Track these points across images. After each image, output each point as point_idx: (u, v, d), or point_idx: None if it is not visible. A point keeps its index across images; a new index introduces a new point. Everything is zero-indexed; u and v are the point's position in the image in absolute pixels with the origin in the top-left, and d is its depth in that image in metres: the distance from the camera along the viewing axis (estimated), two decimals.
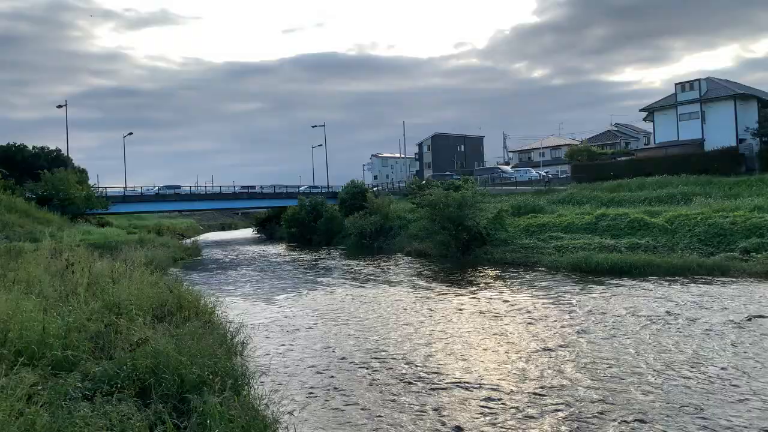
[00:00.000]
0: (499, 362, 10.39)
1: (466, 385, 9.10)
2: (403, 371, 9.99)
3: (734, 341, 11.00)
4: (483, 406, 8.12)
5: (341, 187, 56.87)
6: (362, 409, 8.24)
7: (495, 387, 8.93)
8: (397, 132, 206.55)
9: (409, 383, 9.31)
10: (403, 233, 39.00)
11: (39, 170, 46.93)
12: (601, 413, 7.65)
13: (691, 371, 9.28)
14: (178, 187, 59.88)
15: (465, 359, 10.66)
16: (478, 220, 29.39)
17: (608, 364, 9.90)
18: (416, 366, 10.25)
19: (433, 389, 8.96)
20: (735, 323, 12.37)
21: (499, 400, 8.35)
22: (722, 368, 9.37)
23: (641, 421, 7.35)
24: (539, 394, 8.49)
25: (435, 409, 8.08)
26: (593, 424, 7.34)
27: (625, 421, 7.37)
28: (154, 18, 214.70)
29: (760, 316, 12.89)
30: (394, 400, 8.52)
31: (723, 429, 7.04)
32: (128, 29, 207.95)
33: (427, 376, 9.65)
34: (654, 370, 9.41)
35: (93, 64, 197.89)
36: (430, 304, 16.75)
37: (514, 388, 8.82)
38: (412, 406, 8.26)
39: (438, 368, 10.07)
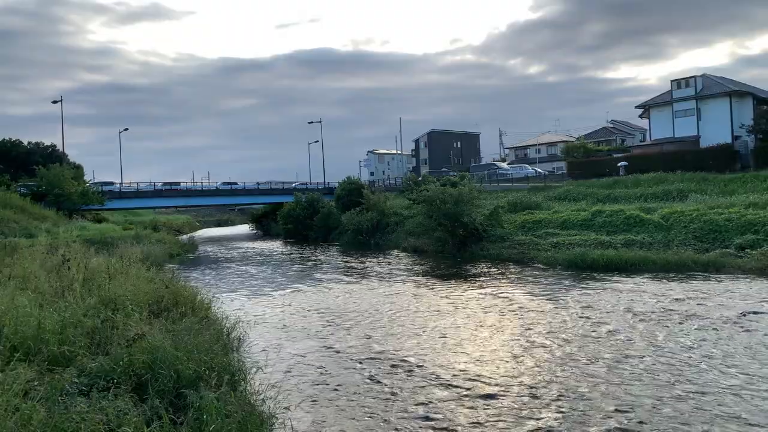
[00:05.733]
0: (495, 359, 10.42)
1: (462, 380, 9.12)
2: (400, 367, 10.00)
3: (728, 336, 11.06)
4: (479, 402, 8.15)
5: (337, 183, 56.82)
6: (359, 404, 8.27)
7: (491, 383, 8.96)
8: (394, 128, 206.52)
9: (406, 379, 9.33)
10: (399, 229, 39.00)
11: (34, 166, 46.77)
12: (594, 407, 7.69)
13: (686, 366, 9.33)
14: (171, 184, 59.51)
15: (461, 355, 10.69)
16: (475, 216, 29.42)
17: (602, 359, 9.94)
18: (413, 361, 10.27)
19: (430, 384, 8.98)
20: (729, 319, 12.44)
21: (496, 396, 8.38)
22: (715, 364, 9.42)
23: (634, 414, 7.39)
24: (535, 390, 8.52)
25: (431, 404, 8.10)
26: (586, 417, 7.37)
27: (617, 414, 7.41)
28: (146, 12, 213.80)
29: (755, 312, 12.97)
30: (390, 396, 8.54)
31: (714, 422, 7.09)
32: (120, 24, 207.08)
33: (424, 371, 9.67)
34: (648, 365, 9.45)
35: (86, 60, 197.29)
36: (426, 300, 16.78)
37: (511, 385, 8.84)
38: (408, 401, 8.28)
39: (434, 364, 10.09)
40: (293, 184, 66.04)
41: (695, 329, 11.78)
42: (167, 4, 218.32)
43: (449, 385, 8.94)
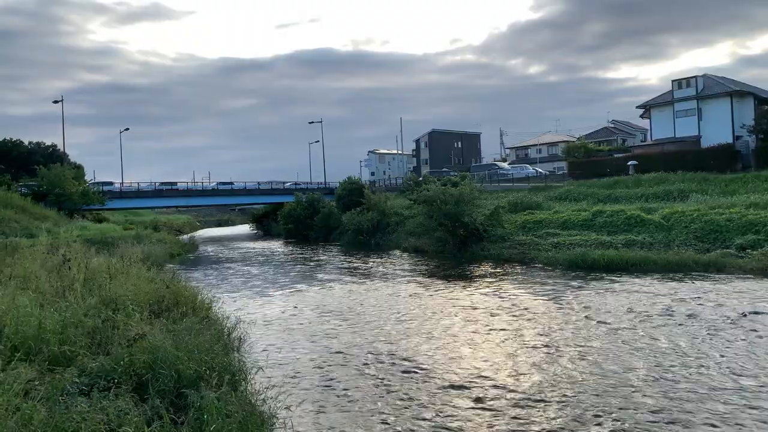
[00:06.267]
0: (496, 359, 10.41)
1: (463, 381, 9.12)
2: (401, 367, 10.00)
3: (729, 337, 11.05)
4: (479, 403, 8.15)
5: (338, 183, 56.85)
6: (359, 405, 8.26)
7: (492, 384, 8.95)
8: (394, 129, 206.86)
9: (407, 379, 9.33)
10: (400, 230, 39.00)
11: (35, 166, 46.81)
12: (595, 409, 7.68)
13: (686, 367, 9.32)
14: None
15: (462, 356, 10.69)
16: (475, 216, 29.41)
17: (603, 360, 9.94)
18: (414, 362, 10.27)
19: (431, 385, 8.98)
20: (730, 319, 12.43)
21: (496, 397, 8.38)
22: (716, 363, 9.42)
23: (635, 416, 7.39)
24: (535, 391, 8.52)
25: (432, 405, 8.10)
26: (587, 420, 7.37)
27: (618, 416, 7.40)
28: (146, 12, 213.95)
29: (755, 312, 12.96)
30: (391, 396, 8.53)
31: (715, 424, 7.08)
32: (120, 24, 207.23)
33: (425, 371, 9.67)
34: (648, 366, 9.44)
35: (86, 60, 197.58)
36: (427, 301, 16.78)
37: (512, 386, 8.84)
38: (409, 402, 8.28)
39: (436, 364, 10.09)
40: (286, 184, 66.03)
41: (697, 330, 11.77)
42: (167, 4, 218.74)
43: (451, 385, 8.93)
